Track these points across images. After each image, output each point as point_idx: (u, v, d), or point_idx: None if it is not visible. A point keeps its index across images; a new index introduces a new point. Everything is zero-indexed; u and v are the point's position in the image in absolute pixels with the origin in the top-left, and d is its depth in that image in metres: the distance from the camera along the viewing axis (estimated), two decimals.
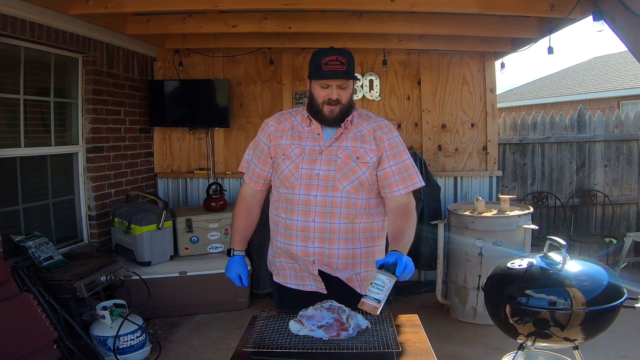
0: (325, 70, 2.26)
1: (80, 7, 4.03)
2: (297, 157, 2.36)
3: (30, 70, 4.27)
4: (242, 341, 2.03)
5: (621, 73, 14.40)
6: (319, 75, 2.29)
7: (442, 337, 4.46)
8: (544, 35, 4.82)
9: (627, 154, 6.31)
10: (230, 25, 4.78)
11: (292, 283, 2.49)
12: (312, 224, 2.32)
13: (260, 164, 2.51)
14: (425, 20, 4.82)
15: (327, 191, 2.32)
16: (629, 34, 3.29)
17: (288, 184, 2.37)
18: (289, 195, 2.36)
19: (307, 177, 2.34)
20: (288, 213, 2.37)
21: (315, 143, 2.37)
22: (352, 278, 2.43)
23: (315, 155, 2.35)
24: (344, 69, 2.27)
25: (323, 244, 2.34)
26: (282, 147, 2.41)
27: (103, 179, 5.00)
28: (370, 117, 2.49)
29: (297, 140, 2.40)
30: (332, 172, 2.33)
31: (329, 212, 2.32)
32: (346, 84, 2.32)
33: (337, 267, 2.38)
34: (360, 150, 2.36)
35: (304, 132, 2.42)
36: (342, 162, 2.33)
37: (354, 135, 2.39)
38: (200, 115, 5.87)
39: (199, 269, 4.97)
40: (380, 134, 2.41)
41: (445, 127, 6.08)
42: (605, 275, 2.55)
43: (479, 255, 4.70)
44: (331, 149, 2.36)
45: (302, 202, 2.33)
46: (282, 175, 2.39)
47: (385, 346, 1.92)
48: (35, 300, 3.48)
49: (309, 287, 2.44)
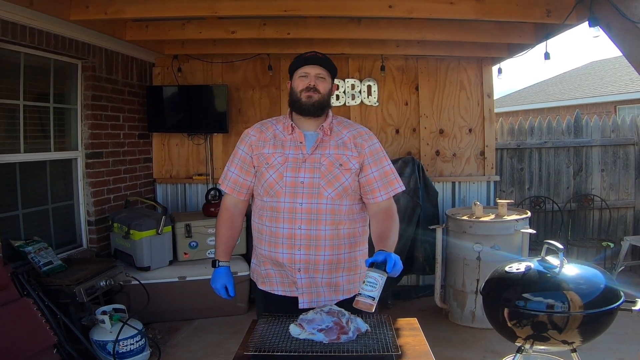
0: (304, 57, 2.42)
1: (80, 13, 4.05)
2: (280, 166, 2.37)
3: (30, 75, 4.28)
4: (243, 344, 2.04)
5: (618, 78, 14.44)
6: (298, 64, 2.42)
7: (441, 341, 4.47)
8: (541, 41, 4.85)
9: (623, 159, 6.34)
10: (229, 31, 4.81)
11: (279, 290, 2.48)
12: (298, 231, 2.34)
13: (243, 174, 2.50)
14: (423, 26, 4.85)
15: (313, 198, 2.34)
16: (624, 40, 3.32)
17: (272, 192, 2.37)
18: (274, 203, 2.37)
19: (292, 185, 2.35)
20: (273, 221, 2.38)
21: (299, 151, 2.39)
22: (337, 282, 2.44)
23: (299, 163, 2.37)
24: (322, 57, 2.42)
25: (309, 250, 2.35)
26: (265, 156, 2.42)
27: (102, 185, 5.01)
28: (350, 124, 2.54)
29: (279, 149, 2.41)
30: (316, 179, 2.35)
31: (315, 219, 2.34)
32: (324, 75, 2.42)
33: (322, 274, 2.39)
34: (343, 157, 2.39)
35: (286, 141, 2.43)
36: (325, 169, 2.36)
37: (335, 143, 2.42)
38: (198, 120, 5.89)
39: (198, 273, 4.97)
40: (360, 141, 2.45)
41: (443, 132, 6.10)
42: (602, 279, 2.57)
43: (477, 259, 4.72)
44: (314, 157, 2.38)
45: (287, 210, 2.34)
46: (265, 183, 2.39)
47: (385, 349, 1.93)
48: (35, 305, 3.48)
49: (296, 293, 2.44)
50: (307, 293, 2.40)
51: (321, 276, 2.39)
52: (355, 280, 2.48)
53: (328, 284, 2.42)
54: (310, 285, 2.40)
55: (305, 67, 2.40)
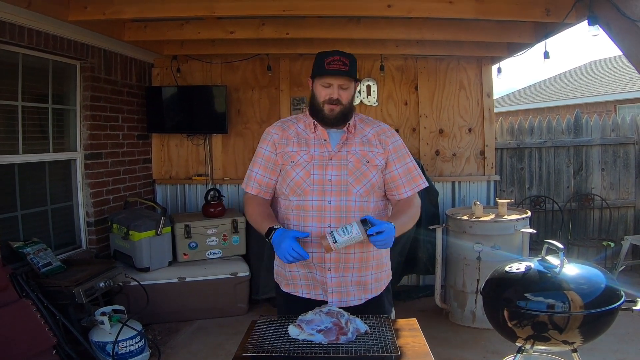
0: (328, 68, 2.31)
1: (79, 13, 4.05)
2: (307, 164, 2.36)
3: (28, 76, 4.27)
4: (242, 346, 2.03)
5: (618, 77, 14.44)
6: (321, 73, 2.33)
7: (441, 342, 4.46)
8: (540, 40, 4.85)
9: (624, 158, 6.33)
10: (227, 31, 4.80)
11: (304, 292, 2.45)
12: (327, 229, 2.31)
13: (268, 173, 2.46)
14: (422, 26, 4.84)
15: (341, 196, 2.33)
16: (623, 39, 3.31)
17: (299, 191, 2.36)
18: (301, 202, 2.36)
19: (320, 183, 2.34)
20: (301, 220, 2.36)
21: (324, 149, 2.38)
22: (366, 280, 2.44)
23: (326, 161, 2.36)
24: (346, 69, 2.31)
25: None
26: (289, 154, 2.40)
27: (101, 186, 5.01)
28: (372, 121, 2.53)
29: (304, 147, 2.40)
30: (344, 176, 2.34)
31: (344, 216, 2.33)
32: (347, 85, 2.36)
33: (352, 273, 2.39)
34: (369, 154, 2.40)
35: (309, 139, 2.42)
36: (353, 167, 2.36)
37: (360, 140, 2.42)
38: (198, 121, 5.88)
39: (198, 274, 4.97)
40: (384, 138, 2.46)
41: (442, 132, 6.10)
42: (602, 278, 2.56)
43: (477, 259, 4.71)
44: (340, 154, 2.37)
45: (315, 208, 2.34)
46: (292, 182, 2.37)
47: (385, 350, 1.92)
48: (34, 306, 3.48)
49: (321, 297, 2.42)
50: (336, 292, 2.39)
51: (351, 275, 2.40)
52: (382, 279, 2.51)
53: (357, 282, 2.42)
54: (340, 284, 2.39)
55: (328, 78, 2.34)
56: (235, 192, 6.14)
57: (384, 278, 2.53)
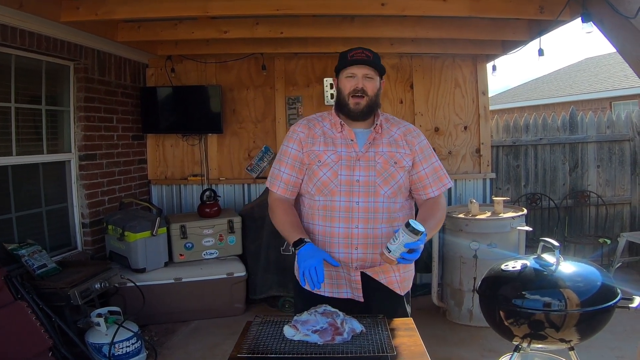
0: (351, 59, 2.33)
1: (71, 14, 4.03)
2: (335, 164, 2.35)
3: (22, 78, 4.25)
4: (237, 346, 2.02)
5: (613, 73, 14.48)
6: (345, 64, 2.35)
7: (438, 340, 4.46)
8: (534, 38, 4.85)
9: (619, 155, 6.34)
10: (221, 31, 4.79)
11: (327, 291, 2.44)
12: (355, 230, 2.32)
13: (295, 172, 2.44)
14: (417, 24, 4.84)
15: (369, 197, 2.33)
16: (617, 36, 3.31)
17: (326, 191, 2.35)
18: (328, 202, 2.35)
19: (348, 183, 2.33)
20: (327, 220, 2.36)
21: (351, 149, 2.37)
22: (391, 280, 2.44)
23: (353, 161, 2.35)
24: (370, 58, 2.33)
25: (367, 249, 2.35)
26: (316, 154, 2.38)
27: (96, 187, 4.99)
28: (398, 121, 2.53)
29: (331, 147, 2.38)
30: (372, 177, 2.34)
31: (372, 217, 2.33)
32: (372, 75, 2.36)
33: (380, 271, 2.39)
34: (397, 155, 2.39)
35: (336, 138, 2.40)
36: (381, 167, 2.36)
37: (387, 141, 2.41)
38: (193, 121, 5.86)
39: (194, 275, 4.95)
40: (410, 138, 2.46)
41: (438, 130, 6.09)
42: (599, 276, 2.56)
43: (473, 257, 4.71)
44: (368, 155, 2.36)
45: (343, 209, 2.33)
46: (319, 182, 2.36)
47: (380, 350, 1.91)
48: (30, 308, 3.46)
49: (345, 295, 2.42)
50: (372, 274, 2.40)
51: (376, 272, 2.40)
52: (407, 279, 2.51)
53: (388, 282, 2.43)
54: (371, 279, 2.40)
55: (352, 68, 2.35)
56: (231, 192, 6.13)
57: (408, 278, 2.53)
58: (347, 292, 2.43)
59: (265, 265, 5.15)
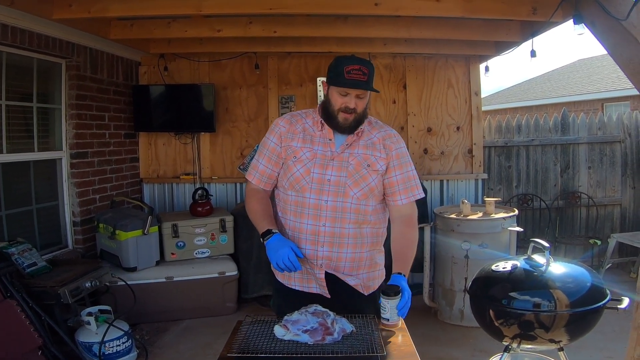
0: (347, 78, 2.24)
1: (63, 11, 4.00)
2: (309, 161, 2.36)
3: (12, 75, 4.22)
4: (227, 346, 2.01)
5: (605, 75, 14.55)
6: (340, 83, 2.27)
7: (429, 340, 4.47)
8: (527, 39, 4.86)
9: (610, 156, 6.37)
10: (215, 29, 4.77)
11: (297, 285, 2.47)
12: (322, 228, 2.34)
13: (271, 165, 2.46)
14: (410, 24, 4.84)
15: (338, 197, 2.34)
16: (608, 37, 3.32)
17: (298, 187, 2.36)
18: (299, 198, 2.37)
19: (319, 181, 2.34)
20: (297, 216, 2.38)
21: (327, 148, 2.38)
22: (355, 283, 2.46)
23: (327, 160, 2.36)
24: (365, 79, 2.27)
25: (332, 247, 2.36)
26: (292, 149, 2.40)
27: (87, 185, 4.96)
28: (380, 125, 2.53)
29: (309, 144, 2.39)
30: (343, 178, 2.35)
31: (340, 217, 2.35)
32: (364, 94, 2.33)
33: (343, 272, 2.41)
34: (371, 158, 2.40)
35: (315, 136, 2.41)
36: (353, 169, 2.36)
37: (365, 143, 2.42)
38: (185, 120, 5.85)
39: (186, 274, 4.94)
40: (389, 143, 2.45)
41: (431, 130, 6.10)
42: (588, 277, 2.58)
43: (465, 257, 4.72)
44: (343, 155, 2.37)
45: (312, 206, 2.35)
46: (292, 177, 2.38)
47: (371, 350, 1.92)
48: (19, 306, 3.43)
49: (314, 290, 2.44)
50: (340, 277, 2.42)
51: (342, 273, 2.42)
52: (376, 278, 2.53)
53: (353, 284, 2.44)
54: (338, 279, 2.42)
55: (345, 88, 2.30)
56: (223, 190, 6.12)
57: (377, 278, 2.54)
58: (315, 287, 2.45)
59: (257, 264, 5.14)
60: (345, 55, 2.36)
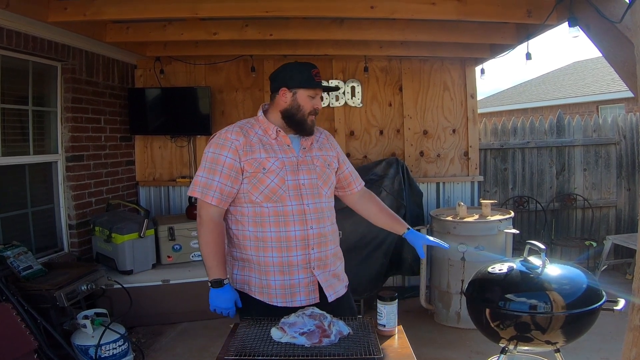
0: (317, 81, 2.42)
1: (59, 14, 4.00)
2: (280, 170, 2.36)
3: (8, 78, 4.21)
4: (224, 349, 2.01)
5: (600, 78, 14.59)
6: (312, 85, 2.41)
7: (426, 342, 4.47)
8: (522, 41, 4.88)
9: (605, 158, 6.39)
10: (211, 32, 4.78)
11: (279, 301, 2.39)
12: (310, 231, 2.38)
13: (230, 182, 2.33)
14: (406, 27, 4.85)
15: (316, 198, 2.42)
16: (602, 40, 3.33)
17: (276, 198, 2.34)
18: (279, 208, 2.35)
19: (295, 187, 2.37)
20: (281, 225, 2.35)
21: (290, 154, 2.41)
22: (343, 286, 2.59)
23: (296, 166, 2.40)
24: None
25: (320, 247, 2.42)
26: (258, 162, 2.34)
27: (83, 188, 4.95)
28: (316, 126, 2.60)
29: (272, 153, 2.37)
30: (314, 179, 2.43)
31: (321, 217, 2.43)
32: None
33: (330, 268, 2.49)
34: (328, 158, 2.55)
35: (273, 145, 2.41)
36: (320, 170, 2.47)
37: (318, 145, 2.54)
38: (182, 123, 5.84)
39: (182, 277, 4.93)
40: (332, 141, 2.66)
41: (426, 133, 6.11)
42: (584, 279, 2.58)
43: (461, 260, 4.72)
44: (307, 159, 2.44)
45: (296, 212, 2.36)
46: (267, 189, 2.33)
47: (367, 352, 1.92)
48: (15, 310, 3.42)
49: (298, 303, 2.38)
50: (327, 286, 2.46)
51: (329, 270, 2.49)
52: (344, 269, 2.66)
53: (334, 274, 2.52)
54: (327, 278, 2.46)
55: (318, 89, 2.44)
56: None
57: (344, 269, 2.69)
58: (300, 300, 2.39)
59: None
60: (303, 62, 2.51)
